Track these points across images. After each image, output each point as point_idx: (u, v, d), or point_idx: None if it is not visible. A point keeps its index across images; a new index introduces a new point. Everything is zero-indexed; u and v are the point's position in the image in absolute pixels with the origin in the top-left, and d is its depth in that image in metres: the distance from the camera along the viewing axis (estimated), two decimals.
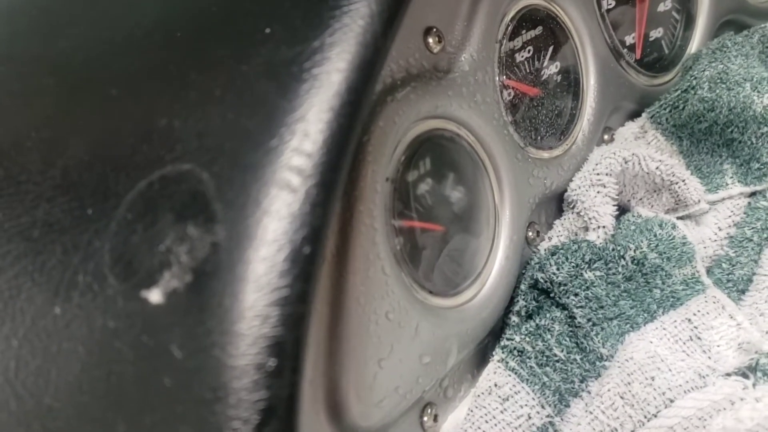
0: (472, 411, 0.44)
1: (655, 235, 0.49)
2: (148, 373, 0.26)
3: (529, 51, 0.53)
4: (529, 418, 0.43)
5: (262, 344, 0.26)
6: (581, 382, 0.45)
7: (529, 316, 0.48)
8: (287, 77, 0.31)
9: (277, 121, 0.30)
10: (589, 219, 0.51)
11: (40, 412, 0.27)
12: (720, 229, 0.53)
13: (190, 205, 0.29)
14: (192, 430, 0.25)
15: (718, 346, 0.45)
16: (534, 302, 0.48)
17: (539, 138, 0.53)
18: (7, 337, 0.29)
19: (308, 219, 0.28)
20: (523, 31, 0.52)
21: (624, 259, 0.48)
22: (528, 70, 0.53)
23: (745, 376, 0.44)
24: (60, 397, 0.27)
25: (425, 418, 0.43)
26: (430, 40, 0.44)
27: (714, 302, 0.46)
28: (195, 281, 0.27)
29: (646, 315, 0.47)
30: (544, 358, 0.45)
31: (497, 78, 0.49)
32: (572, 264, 0.48)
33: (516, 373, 0.45)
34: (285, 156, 0.29)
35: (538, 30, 0.53)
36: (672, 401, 0.42)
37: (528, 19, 0.52)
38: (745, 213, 0.54)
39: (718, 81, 0.55)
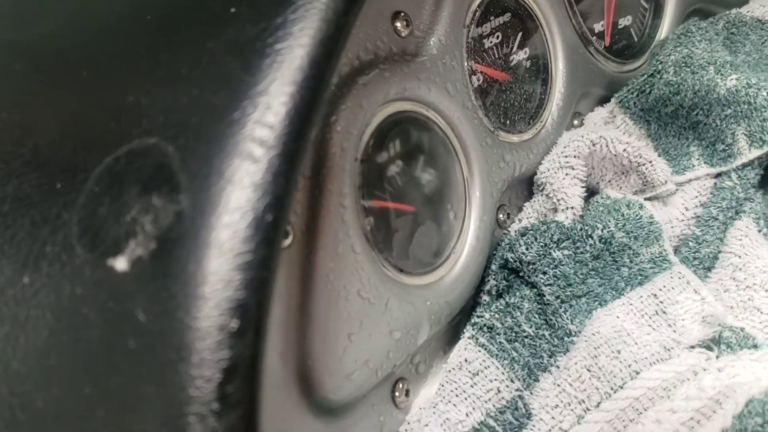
0: (443, 386, 0.45)
1: (622, 215, 0.50)
2: (114, 337, 0.27)
3: (497, 37, 0.54)
4: (499, 391, 0.44)
5: (225, 306, 0.26)
6: (550, 357, 0.46)
7: (500, 295, 0.49)
8: (251, 53, 0.32)
9: (241, 95, 0.30)
10: (558, 200, 0.52)
11: (8, 376, 0.28)
12: (687, 209, 0.55)
13: (155, 177, 0.29)
14: (156, 390, 0.26)
15: (683, 319, 0.46)
16: (504, 281, 0.49)
17: (509, 122, 0.54)
18: None
19: (270, 188, 0.29)
20: (491, 17, 0.53)
21: (592, 238, 0.49)
22: (497, 56, 0.54)
23: (708, 348, 0.45)
24: (28, 361, 0.28)
25: (397, 393, 0.44)
26: (398, 24, 0.45)
27: (679, 278, 0.47)
28: (159, 248, 0.28)
29: (614, 292, 0.48)
30: (513, 335, 0.46)
31: (465, 63, 0.50)
32: (541, 244, 0.49)
33: (486, 349, 0.46)
34: (248, 128, 0.29)
35: (507, 16, 0.54)
36: (637, 373, 0.43)
37: (496, 5, 0.53)
38: (711, 193, 0.55)
39: (683, 65, 0.56)
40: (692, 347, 0.45)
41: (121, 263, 0.28)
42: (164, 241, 0.28)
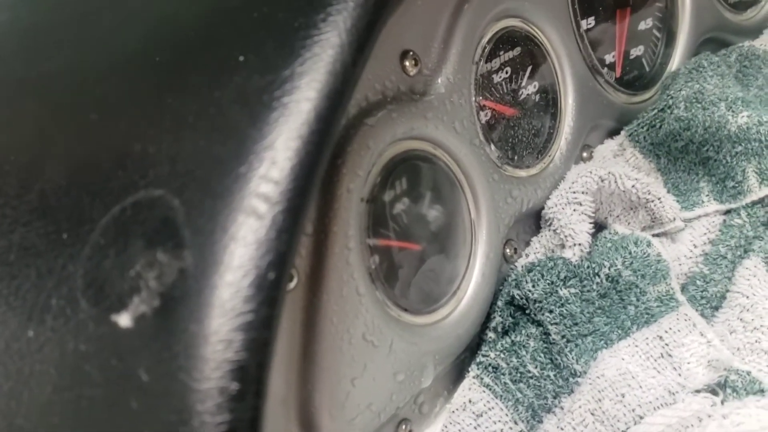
0: (446, 427, 0.45)
1: (629, 253, 0.50)
2: (116, 396, 0.27)
3: (506, 72, 0.53)
4: None
5: (226, 368, 0.26)
6: (554, 398, 0.45)
7: (506, 332, 0.49)
8: (258, 105, 0.32)
9: (247, 149, 0.30)
10: (566, 236, 0.52)
11: None
12: (695, 247, 0.54)
13: (160, 231, 0.30)
14: None
15: (689, 363, 0.45)
16: (510, 318, 0.49)
17: (516, 157, 0.54)
18: None
19: (274, 245, 0.29)
20: (501, 53, 0.53)
21: (599, 276, 0.49)
22: (505, 91, 0.54)
23: (714, 392, 0.45)
24: (31, 418, 0.28)
25: None
26: (407, 63, 0.45)
27: (686, 320, 0.47)
28: (162, 306, 0.28)
29: (620, 332, 0.47)
30: (519, 375, 0.46)
31: (474, 99, 0.50)
32: (548, 281, 0.48)
33: (490, 390, 0.46)
34: (253, 183, 0.30)
35: (516, 51, 0.54)
36: (641, 418, 0.43)
37: (506, 40, 0.53)
38: (720, 231, 0.54)
39: (694, 101, 0.55)
40: (698, 392, 0.45)
41: (124, 319, 0.28)
42: (167, 298, 0.28)
